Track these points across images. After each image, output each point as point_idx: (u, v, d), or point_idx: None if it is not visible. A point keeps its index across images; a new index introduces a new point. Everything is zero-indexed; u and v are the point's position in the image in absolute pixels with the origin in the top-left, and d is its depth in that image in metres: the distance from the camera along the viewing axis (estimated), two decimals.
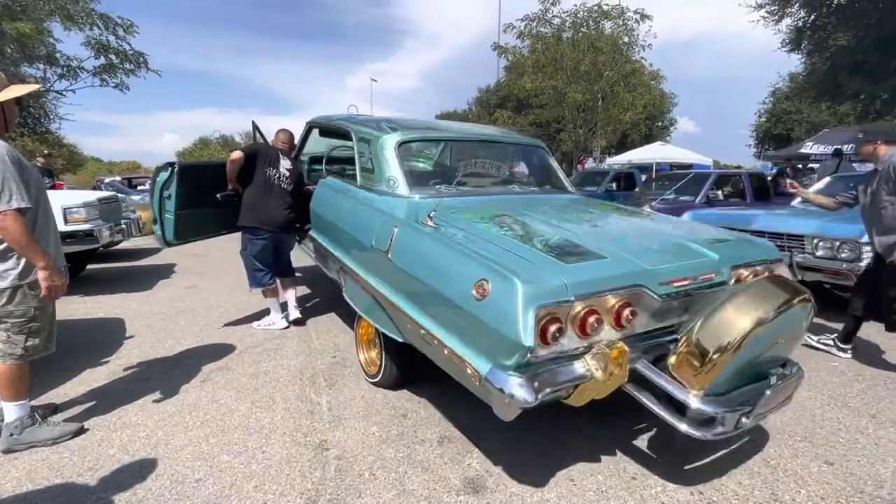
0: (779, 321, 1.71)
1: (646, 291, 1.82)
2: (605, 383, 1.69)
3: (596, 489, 1.89)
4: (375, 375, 2.79)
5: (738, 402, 1.78)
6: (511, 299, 1.60)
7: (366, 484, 1.94)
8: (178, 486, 1.92)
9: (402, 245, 2.30)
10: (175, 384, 2.88)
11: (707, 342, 1.71)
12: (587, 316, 1.68)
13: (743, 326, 1.67)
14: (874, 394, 2.71)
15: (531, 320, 1.56)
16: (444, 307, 1.93)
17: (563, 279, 1.68)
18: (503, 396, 1.60)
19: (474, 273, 1.78)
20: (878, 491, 1.87)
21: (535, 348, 1.59)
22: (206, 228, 4.10)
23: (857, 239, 3.69)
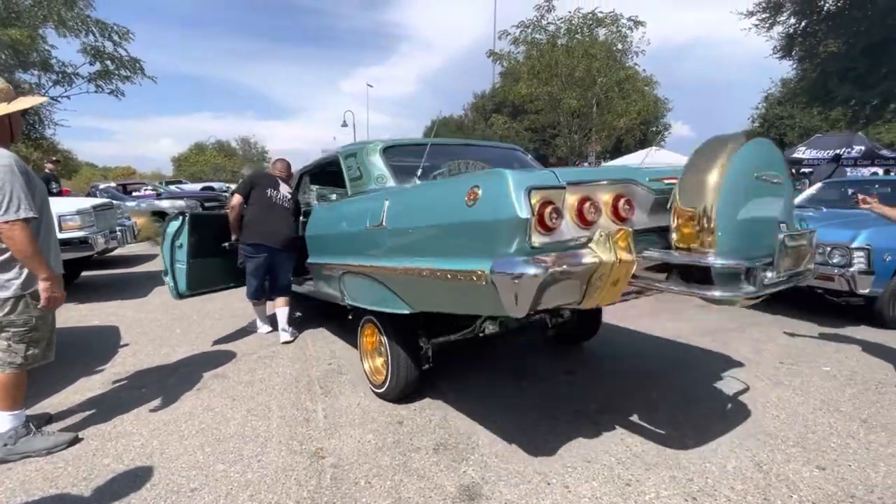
0: (743, 157, 1.79)
1: (638, 185, 1.90)
2: (614, 268, 1.66)
3: (591, 495, 1.90)
4: (381, 385, 2.75)
5: (757, 254, 1.82)
6: (503, 188, 1.66)
7: (361, 492, 1.94)
8: (174, 496, 1.92)
9: (395, 207, 2.38)
10: (170, 392, 2.88)
11: (692, 202, 1.77)
12: (583, 202, 1.72)
13: (713, 175, 1.75)
14: (865, 398, 2.74)
15: (523, 196, 1.60)
16: (442, 235, 1.99)
17: (554, 172, 1.75)
18: (510, 279, 1.58)
19: (464, 186, 1.85)
20: (869, 495, 1.89)
21: (534, 232, 1.61)
22: (219, 279, 4.08)
23: (848, 245, 3.74)
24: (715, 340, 3.74)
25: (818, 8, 11.10)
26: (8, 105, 2.16)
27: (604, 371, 3.20)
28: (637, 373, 3.15)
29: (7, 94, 2.18)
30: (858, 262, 3.70)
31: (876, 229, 3.86)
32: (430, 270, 2.02)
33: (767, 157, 1.98)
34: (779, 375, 3.05)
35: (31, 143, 17.02)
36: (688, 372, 3.16)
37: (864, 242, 3.69)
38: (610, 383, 2.97)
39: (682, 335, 3.88)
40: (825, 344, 3.65)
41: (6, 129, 2.18)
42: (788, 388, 2.87)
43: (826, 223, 4.24)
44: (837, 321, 4.17)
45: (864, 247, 3.69)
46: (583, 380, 3.03)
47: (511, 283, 1.59)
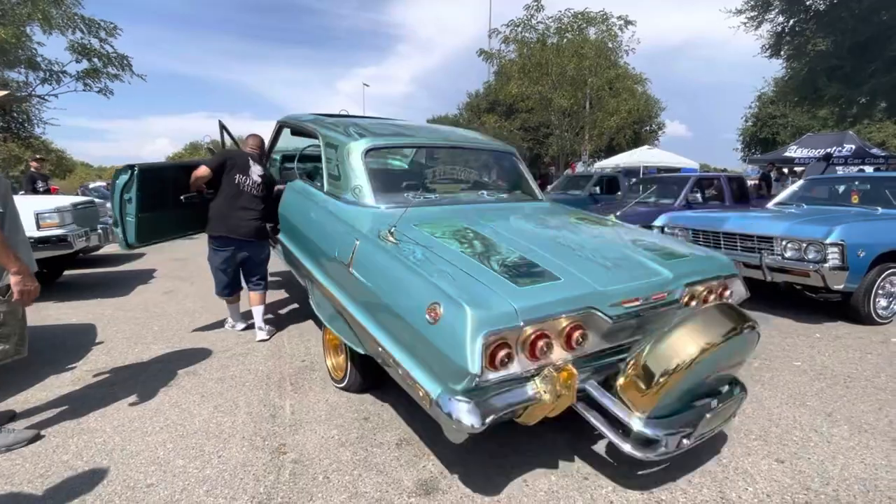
0: (725, 347, 1.75)
1: (597, 313, 1.84)
2: (554, 405, 1.72)
3: (547, 489, 1.91)
4: (342, 381, 2.79)
5: (679, 425, 1.81)
6: (461, 325, 1.61)
7: (318, 487, 1.93)
8: (129, 492, 1.91)
9: (363, 260, 2.29)
10: (140, 390, 2.86)
11: (654, 366, 1.73)
12: (537, 340, 1.70)
13: (690, 352, 1.70)
14: (833, 393, 2.75)
15: (479, 347, 1.57)
16: (401, 327, 1.93)
17: (514, 304, 1.68)
18: (451, 421, 1.62)
19: (428, 296, 1.78)
20: (824, 488, 1.90)
21: (483, 373, 1.60)
22: (169, 231, 4.04)
23: (822, 240, 3.75)
24: None
25: (805, 6, 11.13)
26: None
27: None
28: None
29: None
30: (832, 257, 3.71)
31: (850, 225, 3.88)
32: (384, 348, 2.00)
33: (743, 348, 1.91)
34: (750, 371, 3.06)
35: (22, 143, 16.94)
36: None
37: (838, 238, 3.71)
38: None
39: None
40: (800, 339, 3.66)
41: None
42: (758, 383, 2.88)
43: (803, 219, 4.26)
44: (814, 317, 4.19)
45: (837, 242, 3.70)
46: None
47: (449, 420, 1.63)
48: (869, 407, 2.58)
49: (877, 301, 3.94)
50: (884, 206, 4.68)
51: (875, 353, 3.36)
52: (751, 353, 1.99)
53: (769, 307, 4.51)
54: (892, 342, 3.57)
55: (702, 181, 7.98)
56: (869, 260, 3.83)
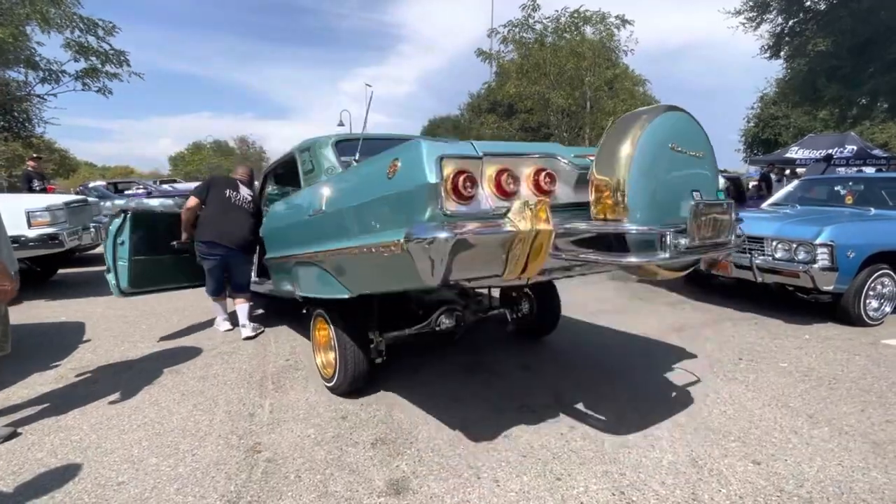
0: (653, 129, 1.82)
1: (560, 160, 1.91)
2: (533, 238, 1.66)
3: (519, 490, 1.89)
4: (331, 379, 2.76)
5: (671, 223, 1.84)
6: (417, 157, 1.68)
7: (289, 486, 1.92)
8: (99, 490, 1.90)
9: (331, 193, 2.44)
10: (121, 388, 2.86)
11: (605, 173, 1.80)
12: (501, 174, 1.72)
13: (626, 143, 1.79)
14: (816, 394, 2.73)
15: (434, 165, 1.62)
16: (368, 213, 2.03)
17: (472, 143, 1.76)
18: (423, 245, 1.57)
19: (387, 160, 1.88)
20: (798, 489, 1.88)
21: (448, 200, 1.61)
22: (165, 278, 4.01)
23: (812, 241, 3.72)
24: (681, 337, 3.73)
25: (804, 7, 11.08)
26: None
27: (560, 366, 3.18)
28: (594, 368, 3.14)
29: None
30: (822, 258, 3.69)
31: (840, 226, 3.85)
32: (357, 248, 2.06)
33: (683, 130, 1.98)
34: (735, 372, 3.04)
35: (24, 142, 17.01)
36: (645, 368, 3.14)
37: (828, 239, 3.68)
38: (564, 379, 2.95)
39: (650, 332, 3.87)
40: (788, 340, 3.64)
41: None
42: (742, 384, 2.86)
43: (794, 220, 4.23)
44: (805, 318, 4.16)
45: (827, 243, 3.67)
46: (537, 375, 3.02)
47: (423, 249, 1.58)
48: (852, 409, 2.55)
49: (867, 302, 3.91)
50: (878, 207, 4.65)
51: (863, 354, 3.33)
52: (700, 138, 2.05)
53: (760, 308, 4.49)
54: (882, 344, 3.54)
55: None
56: (859, 261, 3.80)
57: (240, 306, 3.81)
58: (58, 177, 37.74)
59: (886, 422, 2.41)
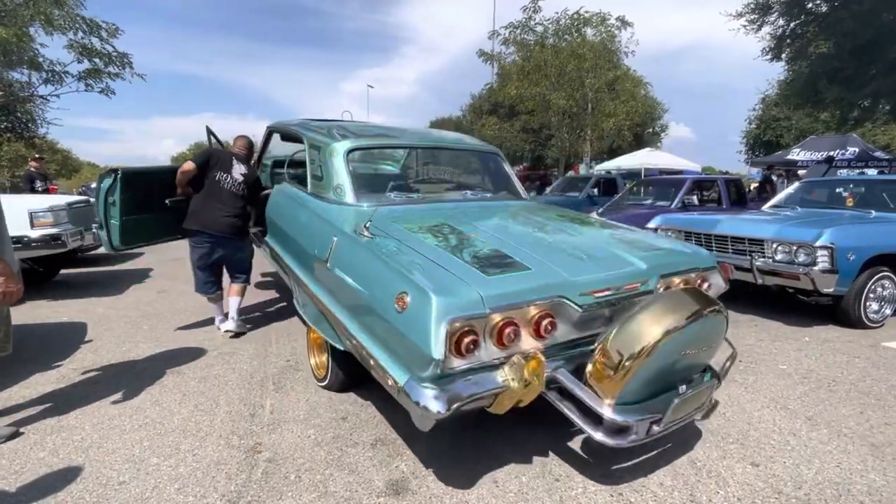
0: (689, 331, 1.73)
1: (566, 302, 1.85)
2: (523, 393, 1.72)
3: (517, 490, 1.90)
4: (323, 379, 2.80)
5: (649, 411, 1.80)
6: (426, 312, 1.62)
7: (289, 486, 1.94)
8: (100, 489, 1.91)
9: (340, 255, 2.32)
10: (123, 388, 2.87)
11: (619, 350, 1.73)
12: (504, 328, 1.70)
13: (653, 335, 1.69)
14: (815, 396, 2.73)
15: (442, 333, 1.58)
16: (373, 318, 1.96)
17: (481, 292, 1.70)
18: (417, 408, 1.63)
19: (396, 286, 1.81)
20: (797, 492, 1.89)
21: (449, 360, 1.61)
22: (155, 233, 4.07)
23: (812, 243, 3.73)
24: None
25: (806, 9, 11.08)
26: None
27: None
28: None
29: None
30: (822, 260, 3.69)
31: (840, 228, 3.86)
32: (358, 342, 2.03)
33: (712, 332, 1.90)
34: (735, 374, 3.04)
35: (26, 142, 17.09)
36: None
37: (828, 241, 3.68)
38: None
39: None
40: (788, 343, 3.64)
41: None
42: (741, 386, 2.86)
43: (794, 222, 4.24)
44: (806, 320, 4.16)
45: (827, 245, 3.68)
46: None
47: (416, 407, 1.64)
48: (851, 411, 2.56)
49: (867, 305, 3.91)
50: (878, 210, 4.65)
51: (863, 356, 3.34)
52: (720, 338, 1.97)
53: (760, 310, 4.49)
54: (882, 346, 3.54)
55: (699, 184, 7.95)
56: (859, 263, 3.81)
57: (232, 298, 3.82)
58: (60, 177, 37.83)
59: (885, 424, 2.41)
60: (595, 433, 1.76)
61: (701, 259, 2.38)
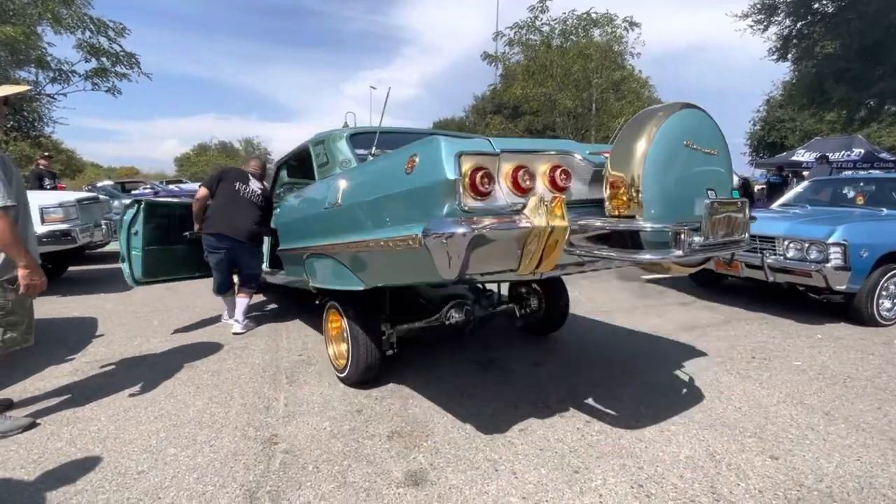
0: (670, 124, 1.83)
1: (576, 156, 1.93)
2: (548, 235, 1.66)
3: (537, 482, 1.89)
4: (343, 370, 2.80)
5: (685, 221, 1.85)
6: (435, 153, 1.69)
7: (308, 476, 1.93)
8: (119, 478, 1.92)
9: (348, 186, 2.46)
10: (136, 381, 2.88)
11: (621, 169, 1.82)
12: (518, 170, 1.74)
13: (642, 139, 1.80)
14: (832, 392, 2.72)
15: (453, 161, 1.64)
16: (386, 206, 2.05)
17: (489, 140, 1.78)
18: (441, 240, 1.59)
19: (405, 156, 1.89)
20: (818, 484, 1.87)
21: (465, 196, 1.63)
22: (177, 268, 4.08)
23: (824, 240, 3.71)
24: (691, 336, 3.72)
25: (813, 10, 11.06)
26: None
27: (573, 363, 3.18)
28: (606, 365, 3.14)
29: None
30: (835, 257, 3.67)
31: (853, 225, 3.84)
32: (374, 241, 2.07)
33: (699, 127, 1.99)
34: (749, 370, 3.03)
35: (32, 142, 17.15)
36: (658, 365, 3.14)
37: (841, 238, 3.67)
38: (576, 375, 2.95)
39: (661, 331, 3.87)
40: (801, 340, 3.62)
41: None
42: (756, 382, 2.85)
43: (805, 219, 4.22)
44: (817, 318, 4.15)
45: (840, 242, 3.66)
46: (550, 371, 3.02)
47: (441, 244, 1.61)
48: (868, 406, 2.54)
49: (880, 302, 3.89)
50: (889, 207, 4.63)
51: (877, 354, 3.32)
52: (714, 133, 2.05)
53: (770, 308, 4.47)
54: (895, 344, 3.52)
55: None
56: (872, 260, 3.79)
57: (240, 299, 3.84)
58: (64, 177, 37.95)
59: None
60: (641, 255, 1.81)
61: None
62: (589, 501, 1.77)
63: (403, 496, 1.81)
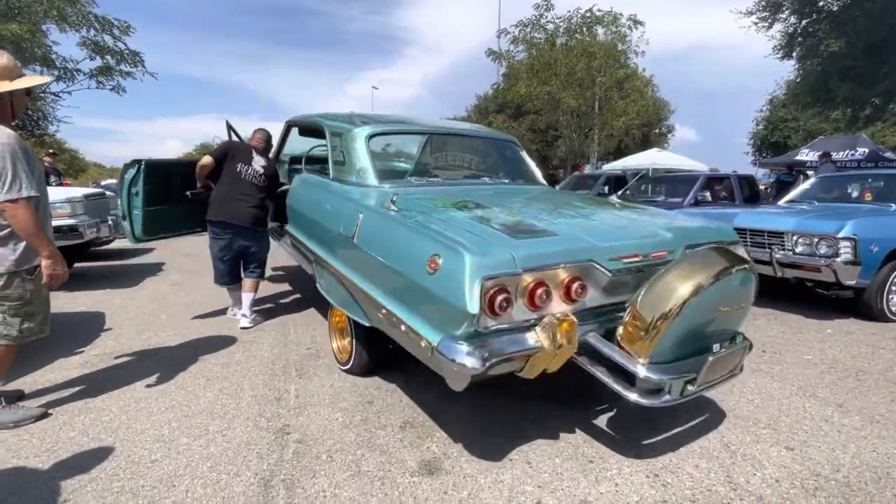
0: (717, 287, 1.74)
1: (595, 266, 1.87)
2: (554, 354, 1.71)
3: (552, 471, 1.89)
4: (346, 363, 2.80)
5: (683, 371, 1.81)
6: (459, 271, 1.64)
7: (322, 465, 1.93)
8: (133, 467, 1.91)
9: (366, 229, 2.34)
10: (146, 373, 2.88)
11: (649, 310, 1.75)
12: (536, 288, 1.72)
13: (682, 293, 1.71)
14: (844, 385, 2.71)
15: (477, 289, 1.60)
16: (402, 285, 1.98)
17: (512, 253, 1.72)
18: (452, 365, 1.63)
19: (428, 249, 1.83)
20: (835, 474, 1.86)
21: (483, 318, 1.63)
22: (176, 225, 4.10)
23: (834, 235, 3.69)
24: None
25: (818, 7, 11.02)
26: (10, 83, 2.13)
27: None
28: None
29: (11, 71, 2.13)
30: (845, 252, 3.66)
31: (863, 220, 3.82)
32: (387, 310, 2.05)
33: (741, 287, 1.89)
34: (760, 363, 3.02)
35: (37, 140, 17.19)
36: None
37: (851, 232, 3.65)
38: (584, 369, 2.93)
39: None
40: (810, 335, 3.61)
41: (7, 107, 2.16)
42: (767, 375, 2.84)
43: (814, 214, 4.21)
44: (826, 313, 4.13)
45: (850, 237, 3.65)
46: None
47: (451, 366, 1.64)
48: (881, 399, 2.53)
49: (890, 297, 3.88)
50: None
51: (888, 348, 3.30)
52: (750, 297, 1.98)
53: (777, 304, 4.45)
54: None
55: (712, 180, 7.90)
56: (882, 255, 3.77)
57: (245, 293, 3.81)
58: (67, 176, 38.03)
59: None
60: (629, 394, 1.77)
61: (725, 233, 2.42)
62: (605, 490, 1.77)
63: (418, 484, 1.80)
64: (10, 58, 2.17)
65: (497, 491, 1.76)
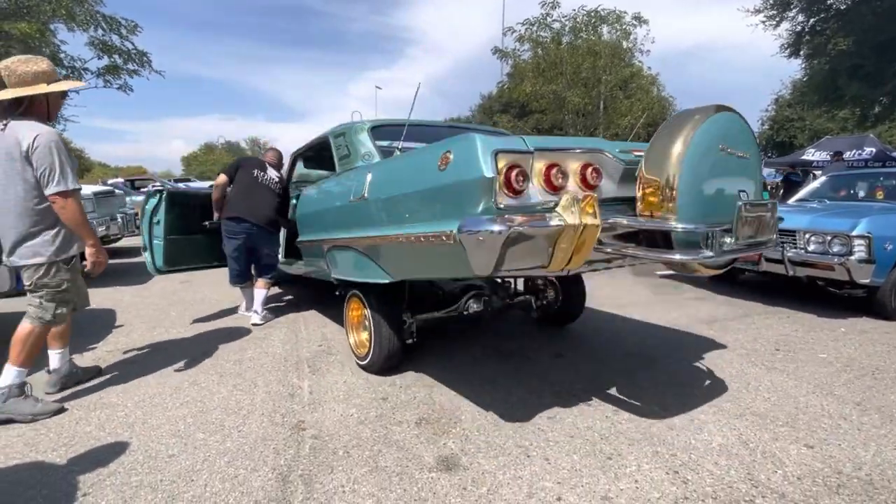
0: (706, 128, 1.84)
1: (607, 155, 1.93)
2: (579, 233, 1.67)
3: (570, 468, 1.87)
4: (364, 357, 2.80)
5: (717, 221, 1.86)
6: (471, 149, 1.69)
7: (339, 461, 1.92)
8: (151, 461, 1.92)
9: (376, 179, 2.43)
10: (159, 369, 2.89)
11: (656, 170, 1.83)
12: (551, 168, 1.75)
13: (678, 139, 1.81)
14: (861, 383, 2.68)
15: (490, 159, 1.63)
16: (416, 203, 2.04)
17: (523, 138, 1.78)
18: (475, 237, 1.61)
19: (437, 152, 1.89)
20: (857, 472, 1.85)
21: (500, 194, 1.64)
22: (198, 257, 4.11)
23: (848, 233, 3.67)
24: (712, 329, 3.69)
25: (826, 5, 10.96)
26: (48, 86, 2.24)
27: (594, 354, 3.16)
28: (628, 356, 3.11)
29: (49, 76, 2.27)
30: (858, 250, 3.63)
31: (876, 217, 3.79)
32: (405, 236, 2.06)
33: (734, 130, 2.00)
34: (774, 361, 3.00)
35: None
36: (680, 357, 3.11)
37: (865, 230, 3.62)
38: (599, 365, 2.93)
39: (679, 324, 3.83)
40: (824, 333, 3.58)
41: (44, 108, 2.29)
42: (783, 373, 2.82)
43: (826, 212, 4.18)
44: (839, 312, 4.10)
45: (864, 235, 3.62)
46: (571, 361, 3.00)
47: (476, 241, 1.61)
48: None
49: None
50: None
51: None
52: (748, 138, 2.07)
53: (789, 303, 4.43)
54: None
55: None
56: None
57: (258, 290, 3.84)
58: None
59: None
60: (671, 255, 1.80)
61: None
62: (625, 486, 1.75)
63: (437, 480, 1.80)
64: (49, 63, 2.31)
65: (517, 487, 1.75)
